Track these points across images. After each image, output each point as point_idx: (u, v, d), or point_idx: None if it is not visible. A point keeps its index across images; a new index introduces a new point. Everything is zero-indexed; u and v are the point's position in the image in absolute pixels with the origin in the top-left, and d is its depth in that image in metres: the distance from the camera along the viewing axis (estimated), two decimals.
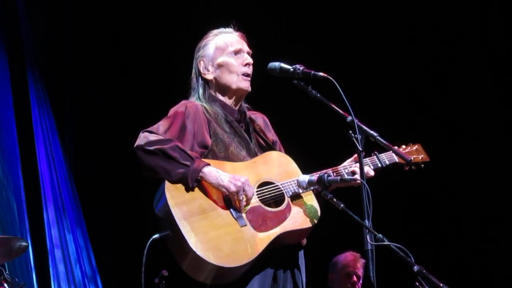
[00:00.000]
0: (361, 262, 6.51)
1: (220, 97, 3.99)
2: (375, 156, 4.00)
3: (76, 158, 7.63)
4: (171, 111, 3.88)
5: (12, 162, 7.06)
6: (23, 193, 7.03)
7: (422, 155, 4.16)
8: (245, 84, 3.97)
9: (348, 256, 6.59)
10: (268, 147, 4.01)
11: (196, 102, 3.95)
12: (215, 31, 4.07)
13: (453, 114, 7.49)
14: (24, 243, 5.91)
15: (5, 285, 5.66)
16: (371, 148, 3.66)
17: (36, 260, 6.90)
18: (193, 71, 4.05)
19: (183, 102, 3.95)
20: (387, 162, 4.03)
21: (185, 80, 4.10)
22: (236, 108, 4.01)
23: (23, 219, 6.92)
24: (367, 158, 3.94)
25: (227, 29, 4.08)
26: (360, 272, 6.54)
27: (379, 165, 4.00)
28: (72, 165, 7.55)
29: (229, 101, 4.00)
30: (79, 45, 7.65)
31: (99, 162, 7.54)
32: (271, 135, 4.11)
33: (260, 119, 4.14)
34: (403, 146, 4.16)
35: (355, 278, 6.52)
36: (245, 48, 4.03)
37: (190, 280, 3.63)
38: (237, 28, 4.10)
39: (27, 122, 7.27)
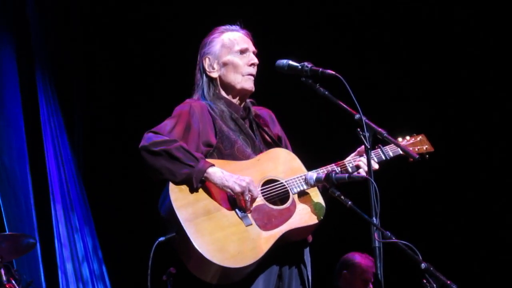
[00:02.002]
0: (374, 268, 6.48)
1: (224, 95, 4.00)
2: (379, 149, 4.00)
3: (84, 156, 7.63)
4: (176, 111, 3.88)
5: (20, 160, 7.07)
6: (31, 191, 7.04)
7: (427, 146, 4.16)
8: (250, 85, 3.98)
9: (367, 261, 6.53)
10: (273, 143, 4.00)
11: (200, 100, 3.95)
12: (221, 28, 4.07)
13: (460, 106, 7.48)
14: (32, 240, 5.93)
15: (13, 282, 5.68)
16: (375, 141, 3.65)
17: (44, 258, 6.91)
18: (198, 67, 4.05)
19: (187, 101, 3.95)
20: (391, 155, 4.03)
21: (193, 79, 4.10)
22: (241, 106, 4.02)
23: (31, 217, 6.93)
24: (371, 151, 3.92)
25: (233, 27, 4.08)
26: (372, 280, 6.54)
27: (384, 157, 4.00)
28: (80, 163, 7.55)
29: (233, 99, 4.01)
30: (88, 43, 7.66)
31: (107, 160, 7.54)
32: (277, 131, 4.11)
33: (265, 114, 4.14)
34: (407, 137, 4.17)
35: (371, 285, 6.51)
36: (251, 47, 4.03)
37: (197, 278, 3.63)
38: (243, 26, 4.10)
39: (35, 120, 7.27)
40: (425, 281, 3.26)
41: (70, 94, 7.63)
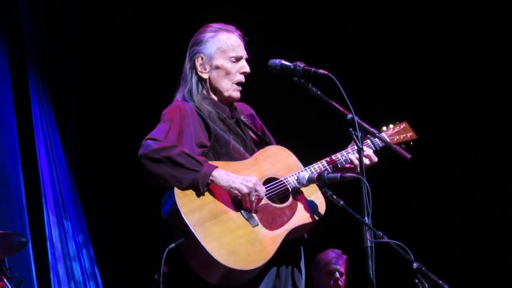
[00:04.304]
0: (343, 259, 6.60)
1: (211, 95, 4.01)
2: (368, 140, 4.01)
3: (77, 155, 7.62)
4: (166, 115, 3.86)
5: (12, 158, 7.04)
6: (23, 190, 7.01)
7: (410, 133, 4.19)
8: (237, 95, 4.01)
9: (329, 254, 6.65)
10: (260, 140, 4.03)
11: (187, 102, 3.93)
12: (216, 26, 4.03)
13: (452, 105, 7.49)
14: (23, 239, 5.91)
15: (5, 280, 5.67)
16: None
17: (35, 256, 6.89)
18: (188, 63, 4.02)
19: (175, 103, 3.94)
20: (381, 145, 4.03)
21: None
22: (227, 106, 4.03)
23: (23, 215, 6.91)
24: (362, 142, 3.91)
25: (229, 27, 4.05)
26: (343, 268, 6.61)
27: (373, 148, 4.01)
28: (72, 162, 7.54)
29: (219, 101, 4.01)
30: (80, 41, 7.64)
31: (99, 159, 7.53)
32: (259, 126, 4.13)
33: (245, 110, 4.15)
34: (391, 126, 4.19)
35: (337, 275, 6.57)
36: (245, 54, 4.03)
37: (190, 277, 3.63)
38: (238, 27, 4.08)
39: (27, 119, 7.25)
40: (417, 281, 3.26)
41: (62, 92, 7.61)
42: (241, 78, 3.98)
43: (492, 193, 7.39)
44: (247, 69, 3.99)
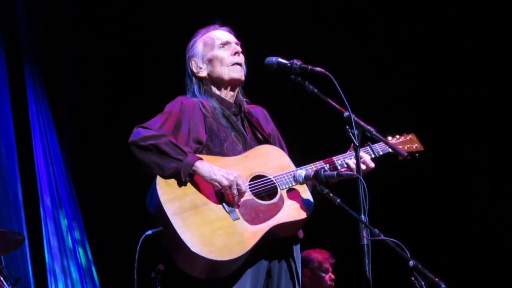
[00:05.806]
0: (331, 261, 6.74)
1: (216, 91, 4.03)
2: (368, 147, 4.02)
3: (73, 153, 7.62)
4: (167, 107, 3.91)
5: (9, 156, 7.04)
6: (20, 188, 7.02)
7: (417, 145, 4.20)
8: (238, 73, 4.02)
9: (323, 255, 6.79)
10: (264, 140, 4.03)
11: (192, 98, 3.99)
12: (201, 31, 4.14)
13: (450, 104, 7.49)
14: (20, 237, 5.91)
15: (1, 278, 5.66)
16: (365, 138, 3.66)
17: (32, 254, 6.90)
18: (186, 72, 4.11)
19: (179, 98, 3.99)
20: (381, 152, 4.05)
21: (184, 75, 4.12)
22: (233, 102, 4.05)
23: (20, 213, 6.91)
24: (361, 149, 3.93)
25: (212, 27, 4.15)
26: (331, 270, 6.74)
27: (373, 155, 4.02)
28: (69, 159, 7.54)
29: (225, 95, 4.04)
30: (77, 39, 7.64)
31: (96, 157, 7.53)
32: (270, 129, 4.13)
33: (259, 112, 4.17)
34: (397, 136, 4.20)
35: (331, 275, 6.70)
36: (232, 39, 4.09)
37: (185, 274, 3.63)
38: (221, 24, 4.16)
39: (24, 117, 7.25)
40: (413, 279, 3.27)
41: (59, 90, 7.61)
42: (236, 59, 4.03)
43: (489, 191, 7.40)
44: (237, 48, 4.05)
